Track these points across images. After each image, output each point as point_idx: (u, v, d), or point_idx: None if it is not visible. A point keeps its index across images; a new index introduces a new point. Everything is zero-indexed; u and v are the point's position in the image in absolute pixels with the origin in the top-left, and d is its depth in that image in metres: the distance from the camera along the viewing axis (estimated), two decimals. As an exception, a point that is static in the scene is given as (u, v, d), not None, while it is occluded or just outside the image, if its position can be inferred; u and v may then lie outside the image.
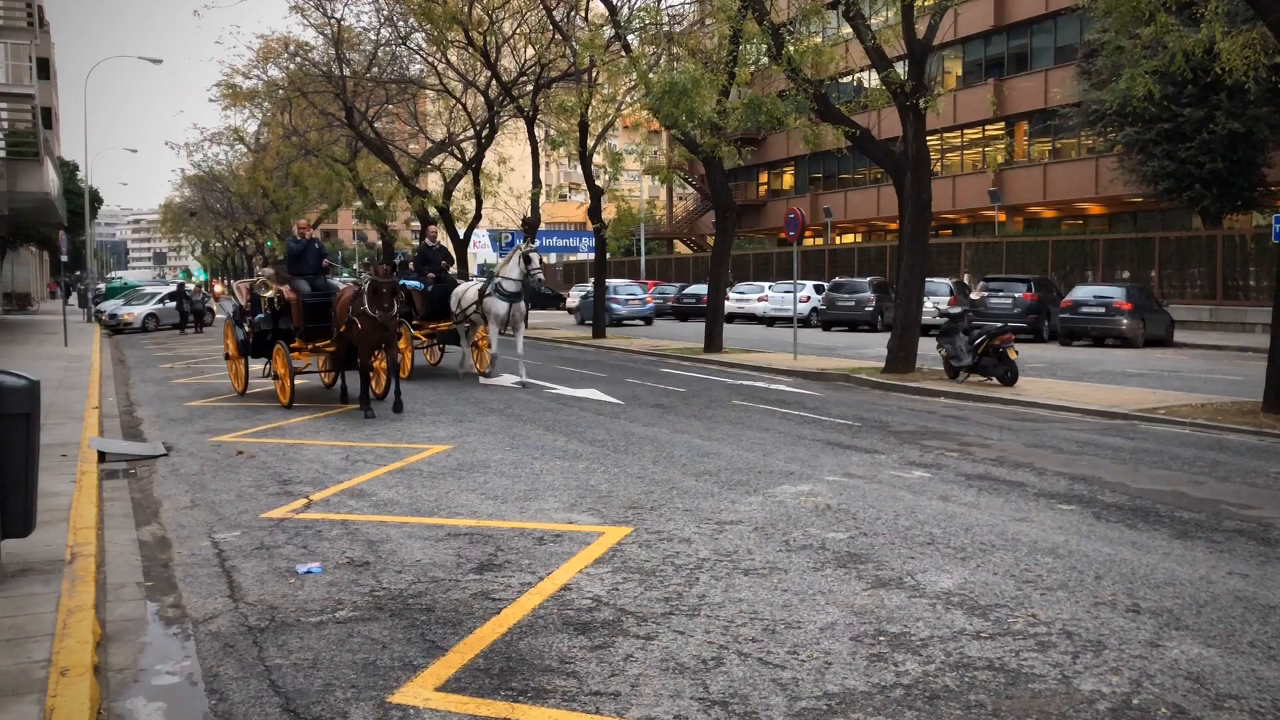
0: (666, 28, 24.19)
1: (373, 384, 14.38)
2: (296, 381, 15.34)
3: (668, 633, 5.24)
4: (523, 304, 17.19)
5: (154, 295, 39.67)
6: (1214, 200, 31.72)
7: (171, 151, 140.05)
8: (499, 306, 16.83)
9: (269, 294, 15.12)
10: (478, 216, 37.78)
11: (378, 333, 13.31)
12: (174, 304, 36.78)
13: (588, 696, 4.47)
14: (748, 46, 20.28)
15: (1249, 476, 9.45)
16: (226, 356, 16.40)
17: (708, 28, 26.59)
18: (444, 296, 18.11)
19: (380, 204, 42.04)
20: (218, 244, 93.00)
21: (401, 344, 15.80)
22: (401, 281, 15.95)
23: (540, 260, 16.39)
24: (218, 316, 37.92)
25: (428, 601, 5.79)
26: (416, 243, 43.48)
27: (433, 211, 38.54)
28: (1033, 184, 44.01)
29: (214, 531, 7.49)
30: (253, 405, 14.63)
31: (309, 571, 6.39)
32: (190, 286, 40.40)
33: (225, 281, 55.18)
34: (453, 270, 17.78)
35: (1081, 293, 27.79)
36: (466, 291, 17.65)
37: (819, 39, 22.66)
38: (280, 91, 37.01)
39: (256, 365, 16.26)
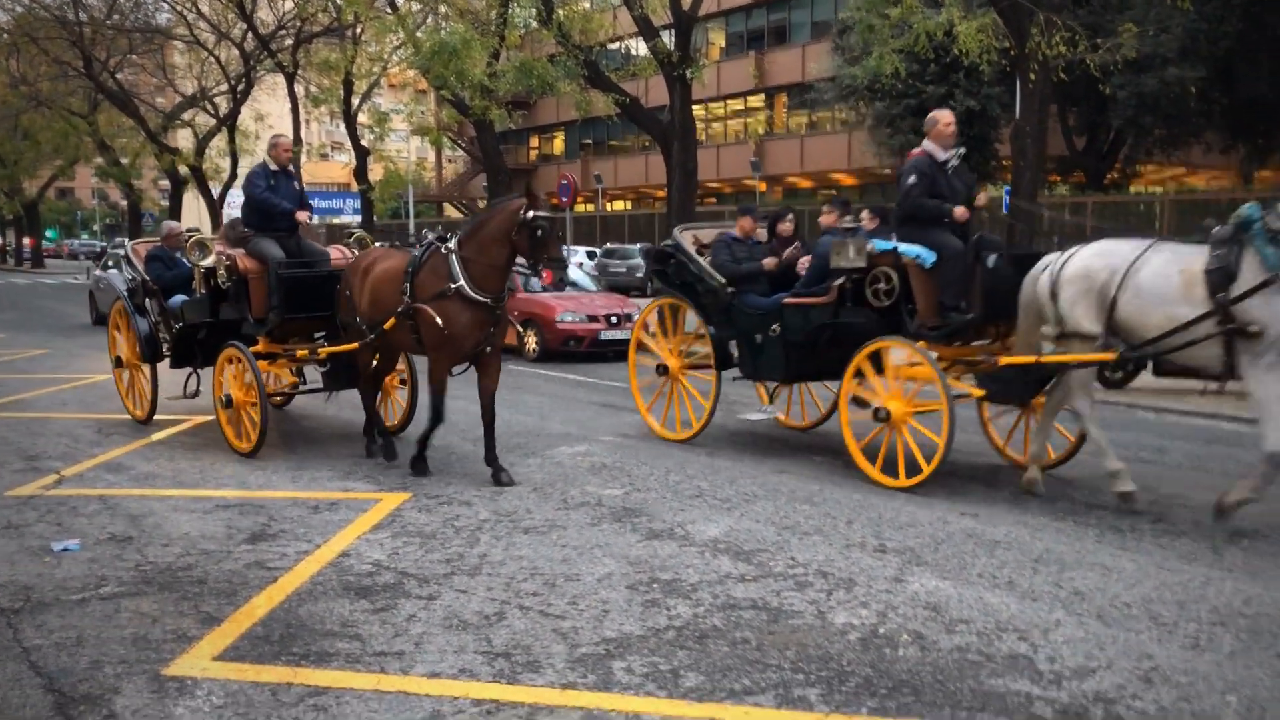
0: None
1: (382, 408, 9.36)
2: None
3: (450, 592, 5.33)
4: None
5: None
6: (953, 173, 34.15)
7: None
8: None
9: (208, 261, 9.06)
10: (233, 175, 36.00)
11: (481, 330, 7.85)
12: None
13: (372, 657, 4.51)
14: (517, 9, 20.24)
15: (979, 428, 10.38)
16: (117, 362, 10.51)
17: (477, -12, 26.29)
18: (1006, 280, 7.62)
19: (124, 161, 39.32)
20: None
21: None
22: (884, 245, 7.88)
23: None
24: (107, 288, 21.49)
25: (199, 574, 5.63)
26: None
27: (184, 170, 36.45)
28: (791, 155, 45.97)
29: (-48, 512, 6.96)
30: (-13, 377, 13.52)
31: (66, 549, 6.07)
32: None
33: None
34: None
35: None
36: (1144, 272, 6.76)
37: (588, 4, 22.86)
38: (5, 35, 33.88)
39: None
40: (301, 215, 9.17)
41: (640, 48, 23.48)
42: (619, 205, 56.95)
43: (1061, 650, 4.59)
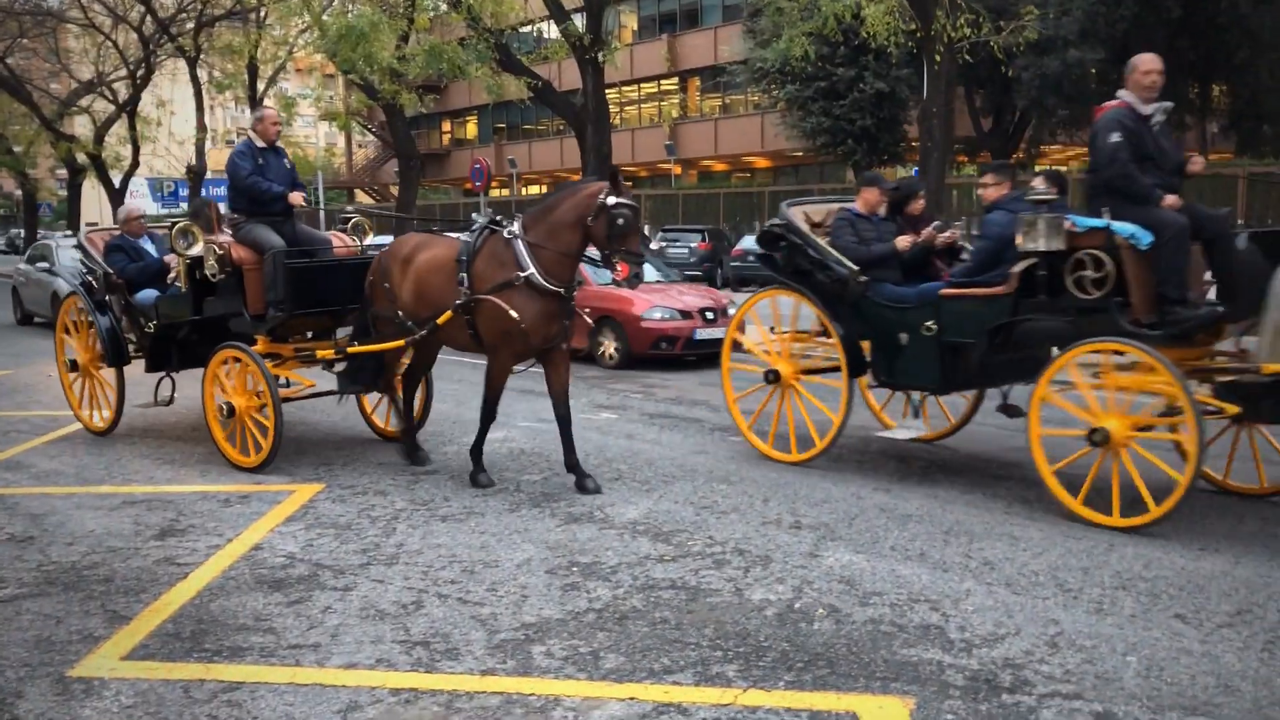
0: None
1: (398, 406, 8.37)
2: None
3: (366, 582, 5.27)
4: None
5: None
6: (864, 154, 34.60)
7: None
8: None
9: (195, 250, 7.92)
10: (135, 164, 34.94)
11: (554, 323, 7.08)
12: None
13: (287, 650, 4.44)
14: (426, -9, 20.01)
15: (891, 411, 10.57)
16: (73, 366, 9.32)
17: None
18: (1253, 267, 6.22)
19: (18, 150, 37.89)
20: None
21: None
22: (1090, 222, 6.27)
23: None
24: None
25: (105, 572, 5.49)
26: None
27: (82, 158, 35.28)
28: (705, 138, 46.15)
29: None
30: (-125, 376, 12.94)
31: (-38, 552, 5.86)
32: None
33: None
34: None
35: (750, 242, 29.61)
36: None
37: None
38: (-114, 18, 32.38)
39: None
40: (295, 198, 8.06)
41: (552, 31, 23.35)
42: (534, 189, 56.62)
43: (972, 619, 4.71)
